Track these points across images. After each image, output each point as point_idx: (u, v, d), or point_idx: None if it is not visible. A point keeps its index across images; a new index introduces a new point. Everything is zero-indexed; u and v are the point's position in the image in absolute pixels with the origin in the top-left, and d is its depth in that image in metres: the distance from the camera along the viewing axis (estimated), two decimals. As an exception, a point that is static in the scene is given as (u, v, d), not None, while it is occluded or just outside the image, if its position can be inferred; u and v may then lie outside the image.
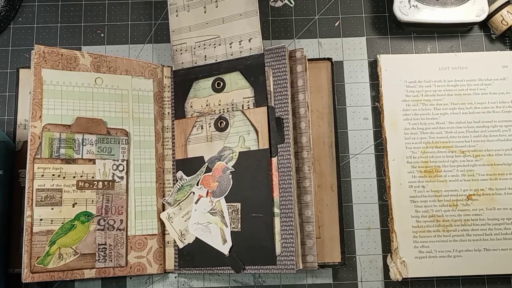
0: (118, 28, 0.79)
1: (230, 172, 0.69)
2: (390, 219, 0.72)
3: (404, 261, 0.70)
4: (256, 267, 0.67)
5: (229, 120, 0.70)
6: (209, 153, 0.70)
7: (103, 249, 0.68)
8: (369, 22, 0.79)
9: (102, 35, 0.79)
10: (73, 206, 0.67)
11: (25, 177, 0.70)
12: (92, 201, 0.68)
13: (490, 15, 0.76)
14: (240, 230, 0.68)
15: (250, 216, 0.67)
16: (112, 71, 0.71)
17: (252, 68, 0.70)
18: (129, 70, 0.72)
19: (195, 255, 0.70)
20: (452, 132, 0.74)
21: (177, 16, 0.74)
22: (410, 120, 0.74)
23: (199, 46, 0.73)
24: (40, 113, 0.67)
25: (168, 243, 0.72)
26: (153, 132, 0.73)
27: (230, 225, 0.68)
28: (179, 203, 0.71)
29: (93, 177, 0.69)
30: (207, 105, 0.72)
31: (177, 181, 0.72)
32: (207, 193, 0.70)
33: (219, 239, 0.68)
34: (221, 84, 0.71)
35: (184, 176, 0.71)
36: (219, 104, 0.71)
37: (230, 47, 0.71)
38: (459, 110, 0.74)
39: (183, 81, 0.74)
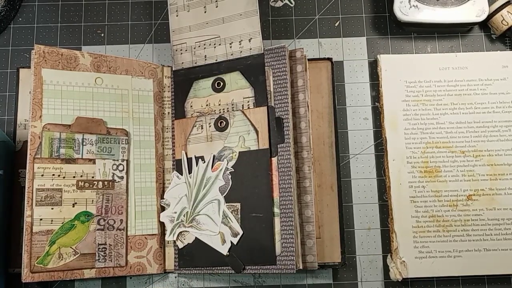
0: (118, 28, 0.79)
1: (230, 172, 0.69)
2: (390, 219, 0.72)
3: (404, 261, 0.70)
4: (256, 267, 0.67)
5: (229, 120, 0.70)
6: (209, 153, 0.70)
7: (103, 249, 0.68)
8: (369, 22, 0.79)
9: (102, 35, 0.79)
10: (73, 206, 0.67)
11: (25, 177, 0.70)
12: (92, 201, 0.68)
13: (490, 15, 0.76)
14: None
15: (250, 216, 0.67)
16: (112, 71, 0.71)
17: (252, 68, 0.70)
18: (129, 70, 0.72)
19: (195, 255, 0.70)
20: (452, 132, 0.74)
21: (177, 16, 0.74)
22: (410, 120, 0.74)
23: (199, 46, 0.73)
24: (40, 113, 0.67)
25: (168, 243, 0.72)
26: (153, 132, 0.73)
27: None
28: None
29: (93, 177, 0.69)
30: (207, 105, 0.72)
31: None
32: None
33: (218, 239, 0.68)
34: (221, 84, 0.71)
35: (180, 176, 0.71)
36: (219, 104, 0.71)
37: (230, 47, 0.71)
38: (459, 110, 0.74)
39: (183, 81, 0.74)
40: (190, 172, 0.71)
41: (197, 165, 0.71)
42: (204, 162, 0.70)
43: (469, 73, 0.75)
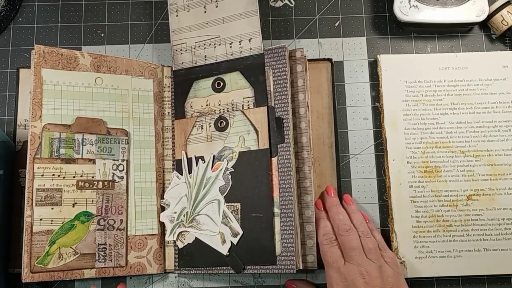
0: (118, 28, 0.79)
1: (230, 172, 0.69)
2: (390, 219, 0.72)
3: (404, 261, 0.70)
4: (256, 267, 0.67)
5: (229, 120, 0.70)
6: (209, 153, 0.70)
7: (103, 249, 0.68)
8: (369, 22, 0.79)
9: (102, 35, 0.79)
10: (73, 206, 0.67)
11: (25, 177, 0.70)
12: (92, 201, 0.68)
13: (490, 15, 0.76)
14: None
15: (250, 216, 0.67)
16: (112, 71, 0.71)
17: (252, 68, 0.70)
18: (129, 70, 0.72)
19: (195, 255, 0.70)
20: (452, 132, 0.74)
21: (177, 16, 0.74)
22: (410, 120, 0.74)
23: (199, 46, 0.73)
24: (40, 113, 0.67)
25: (168, 243, 0.72)
26: (153, 132, 0.73)
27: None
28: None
29: (93, 177, 0.69)
30: (207, 105, 0.72)
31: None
32: None
33: (218, 239, 0.68)
34: (221, 84, 0.71)
35: (180, 176, 0.71)
36: (219, 104, 0.71)
37: (230, 47, 0.71)
38: (459, 110, 0.74)
39: (183, 81, 0.74)
40: (190, 172, 0.71)
41: (197, 165, 0.71)
42: (204, 162, 0.70)
43: (469, 73, 0.75)
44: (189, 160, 0.71)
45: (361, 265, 0.64)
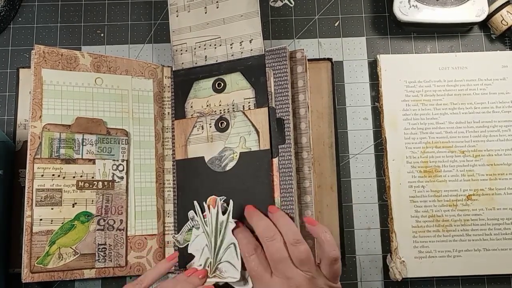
0: (118, 28, 0.79)
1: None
2: (390, 219, 0.72)
3: (403, 261, 0.70)
4: (258, 267, 0.67)
5: (229, 121, 0.70)
6: (210, 153, 0.70)
7: (103, 249, 0.68)
8: (369, 22, 0.79)
9: (102, 35, 0.79)
10: (73, 206, 0.67)
11: (25, 177, 0.70)
12: (92, 201, 0.68)
13: (490, 15, 0.76)
14: None
15: (251, 217, 0.67)
16: (112, 71, 0.71)
17: (252, 69, 0.70)
18: (129, 70, 0.72)
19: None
20: (452, 132, 0.74)
21: (177, 16, 0.74)
22: (410, 120, 0.74)
23: (199, 47, 0.73)
24: (40, 113, 0.67)
25: (168, 243, 0.72)
26: (153, 132, 0.73)
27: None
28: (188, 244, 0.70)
29: (93, 177, 0.69)
30: (207, 106, 0.72)
31: (188, 220, 0.70)
32: None
33: (241, 283, 0.66)
34: (222, 84, 0.71)
35: (196, 217, 0.70)
36: (220, 105, 0.71)
37: (231, 47, 0.71)
38: (459, 110, 0.74)
39: (183, 81, 0.73)
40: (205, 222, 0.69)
41: (209, 211, 0.68)
42: (215, 207, 0.68)
43: (468, 73, 0.76)
44: (202, 209, 0.69)
45: (290, 278, 0.58)
